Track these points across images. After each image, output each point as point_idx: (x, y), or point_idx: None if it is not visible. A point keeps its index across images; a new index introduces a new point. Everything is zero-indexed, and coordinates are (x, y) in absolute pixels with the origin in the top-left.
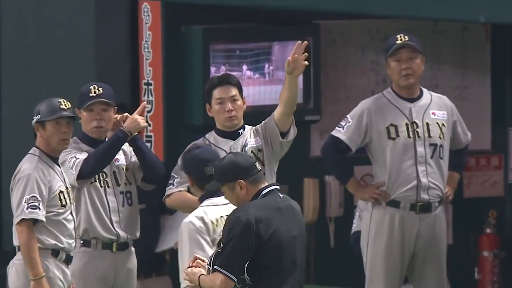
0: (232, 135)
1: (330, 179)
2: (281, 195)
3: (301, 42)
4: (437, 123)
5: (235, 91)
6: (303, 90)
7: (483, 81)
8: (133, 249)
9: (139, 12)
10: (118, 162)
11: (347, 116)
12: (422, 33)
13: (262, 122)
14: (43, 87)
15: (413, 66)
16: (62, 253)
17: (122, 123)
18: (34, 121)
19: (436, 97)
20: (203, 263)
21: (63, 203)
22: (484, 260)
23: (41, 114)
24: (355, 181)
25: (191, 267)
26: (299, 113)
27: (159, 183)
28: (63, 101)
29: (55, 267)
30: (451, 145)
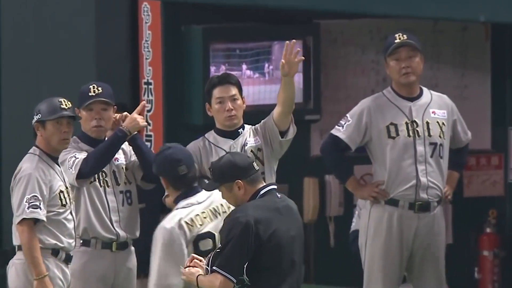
0: (231, 134)
1: (330, 179)
2: (279, 195)
3: (289, 42)
4: (437, 122)
5: (235, 91)
6: (303, 89)
7: (483, 81)
8: (133, 248)
9: (139, 11)
10: (117, 161)
11: (347, 115)
12: (422, 33)
13: (261, 121)
14: (43, 87)
15: (412, 64)
16: (62, 253)
17: (121, 123)
18: (34, 120)
19: (436, 96)
20: (201, 262)
21: (63, 203)
22: (484, 259)
23: (42, 113)
24: (354, 180)
25: (188, 267)
26: (299, 112)
27: (159, 182)
28: (64, 101)
29: (55, 266)
30: (451, 144)
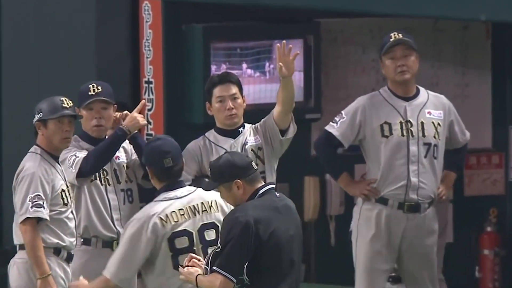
0: (232, 133)
1: (330, 177)
2: (278, 194)
3: (279, 45)
4: (433, 123)
5: (235, 89)
6: (303, 88)
7: (484, 80)
8: None
9: (139, 10)
10: (118, 159)
11: (342, 111)
12: (422, 32)
13: (261, 120)
14: (43, 86)
15: (408, 63)
16: (63, 252)
17: (122, 121)
18: (35, 119)
19: (433, 96)
20: (199, 262)
21: (65, 202)
22: (484, 258)
23: (43, 112)
24: (346, 177)
25: (187, 267)
26: (299, 111)
27: None
28: (65, 100)
29: (56, 265)
30: (448, 144)
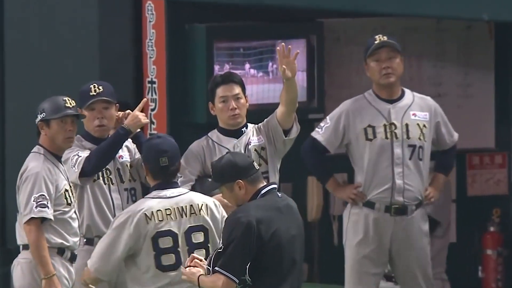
0: (235, 133)
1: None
2: (279, 194)
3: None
4: (418, 124)
5: (238, 89)
6: (306, 88)
7: (487, 79)
8: None
9: (143, 10)
10: (122, 159)
11: (327, 117)
12: (425, 31)
13: (264, 120)
14: (47, 86)
15: (393, 65)
16: (67, 252)
17: (124, 121)
18: (38, 119)
19: (418, 98)
20: (201, 262)
21: (69, 202)
22: (487, 258)
23: (46, 112)
24: (334, 181)
25: (189, 267)
26: (302, 111)
27: None
28: (68, 99)
29: (60, 265)
30: (436, 146)
